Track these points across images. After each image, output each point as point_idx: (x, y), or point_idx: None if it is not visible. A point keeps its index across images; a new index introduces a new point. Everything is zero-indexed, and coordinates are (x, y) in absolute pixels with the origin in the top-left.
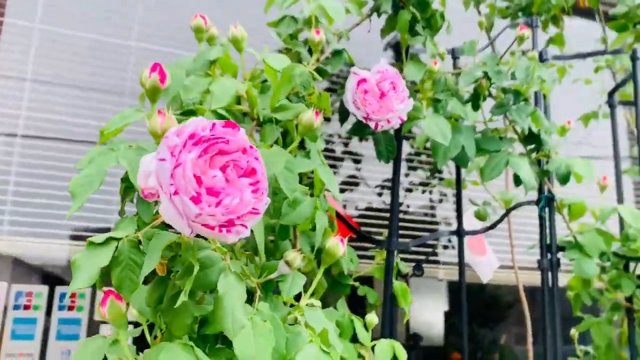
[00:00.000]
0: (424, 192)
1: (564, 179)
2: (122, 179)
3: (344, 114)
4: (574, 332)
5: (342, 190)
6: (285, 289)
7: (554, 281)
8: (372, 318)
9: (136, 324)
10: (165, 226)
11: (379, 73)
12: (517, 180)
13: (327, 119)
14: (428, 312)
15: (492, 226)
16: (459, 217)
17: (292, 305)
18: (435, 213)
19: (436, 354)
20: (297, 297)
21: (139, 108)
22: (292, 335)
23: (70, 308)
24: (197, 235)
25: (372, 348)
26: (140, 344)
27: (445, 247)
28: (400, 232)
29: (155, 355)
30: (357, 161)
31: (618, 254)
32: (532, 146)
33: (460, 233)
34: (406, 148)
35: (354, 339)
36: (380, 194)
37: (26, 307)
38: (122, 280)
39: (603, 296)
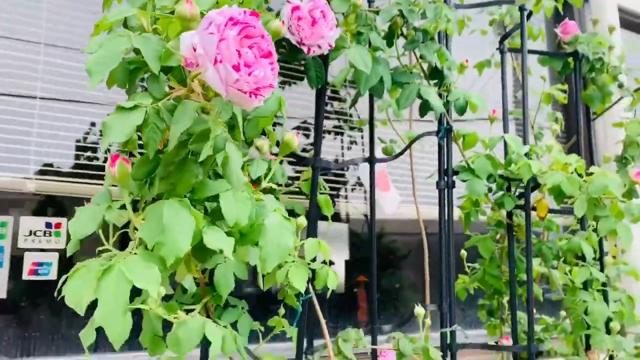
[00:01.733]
0: (335, 137)
1: (462, 110)
2: (129, 62)
3: (277, 42)
4: (463, 252)
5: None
6: (252, 170)
7: (448, 199)
8: (301, 220)
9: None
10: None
11: (310, 2)
12: (425, 109)
13: None
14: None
15: (398, 155)
16: (371, 145)
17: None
18: (346, 154)
19: None
20: None
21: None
22: (259, 207)
23: None
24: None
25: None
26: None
27: (353, 188)
28: None
29: (158, 209)
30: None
31: (503, 176)
32: (436, 81)
33: (372, 160)
34: None
35: None
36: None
37: None
38: (148, 139)
39: (490, 217)
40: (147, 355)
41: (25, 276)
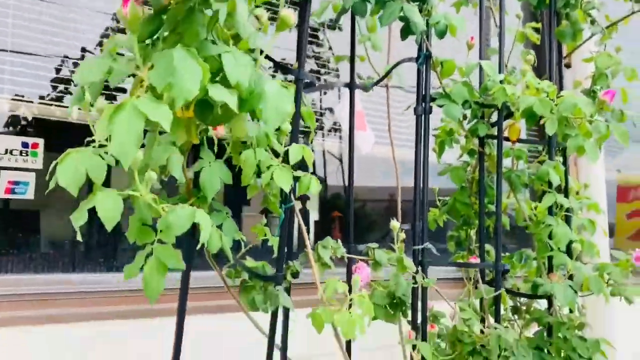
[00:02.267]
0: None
1: (442, 34)
2: None
3: None
4: (435, 188)
5: None
6: (250, 40)
7: (425, 124)
8: (285, 126)
9: None
10: None
11: None
12: (407, 32)
13: None
14: None
15: (378, 82)
16: (352, 70)
17: None
18: (323, 98)
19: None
20: None
21: None
22: (258, 76)
23: None
24: None
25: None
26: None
27: (330, 130)
28: None
29: (168, 54)
30: None
31: (478, 102)
32: (417, 3)
33: (351, 86)
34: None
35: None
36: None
37: None
38: None
39: (463, 146)
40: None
41: (2, 194)
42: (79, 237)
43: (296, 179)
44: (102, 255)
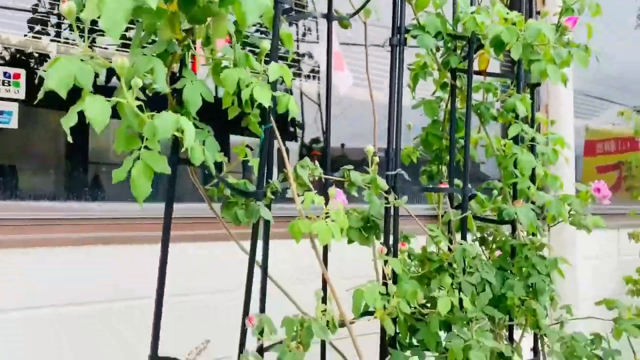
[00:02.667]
0: (290, 25)
1: None
2: None
3: None
4: (409, 124)
5: None
6: None
7: (400, 55)
8: (265, 45)
9: None
10: None
11: None
12: None
13: None
14: None
15: (355, 13)
16: (329, 2)
17: None
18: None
19: None
20: None
21: None
22: None
23: None
24: None
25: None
26: None
27: (307, 76)
28: None
29: None
30: None
31: (450, 34)
32: None
33: (329, 18)
34: None
35: None
36: None
37: None
38: None
39: (436, 80)
40: (109, 205)
41: None
42: (69, 139)
43: (275, 98)
44: (87, 185)
